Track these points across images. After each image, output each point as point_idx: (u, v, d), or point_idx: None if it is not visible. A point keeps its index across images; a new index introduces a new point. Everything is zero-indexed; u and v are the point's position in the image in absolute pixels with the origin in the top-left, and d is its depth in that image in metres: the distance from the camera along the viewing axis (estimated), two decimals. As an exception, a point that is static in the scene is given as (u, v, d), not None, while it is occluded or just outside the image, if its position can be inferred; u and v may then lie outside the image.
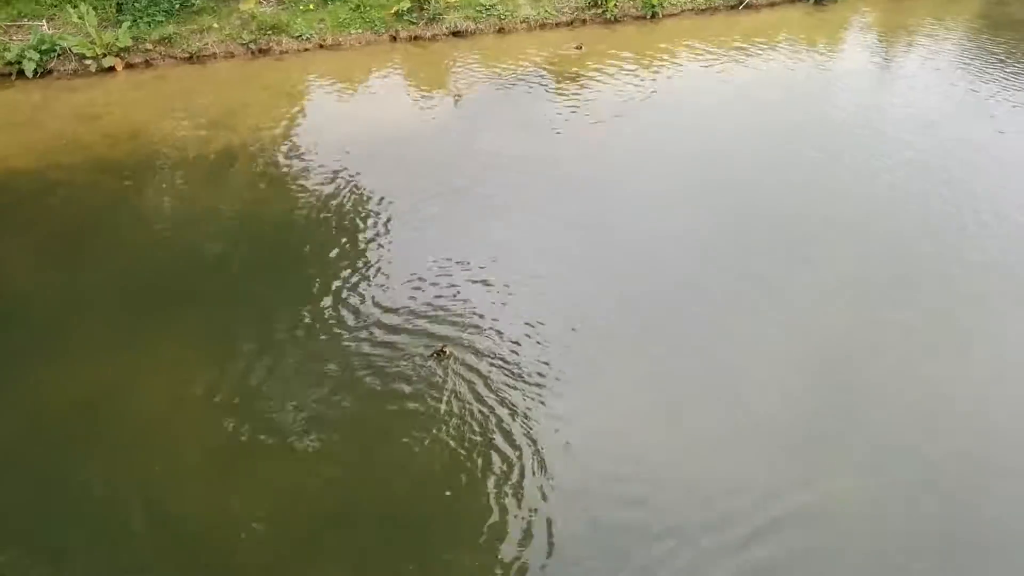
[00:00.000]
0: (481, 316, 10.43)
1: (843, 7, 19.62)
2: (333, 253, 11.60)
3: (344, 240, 11.84)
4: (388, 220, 12.26)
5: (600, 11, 18.63)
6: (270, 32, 16.98)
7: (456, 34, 18.00)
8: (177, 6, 16.81)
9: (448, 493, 8.34)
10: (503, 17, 18.22)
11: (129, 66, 16.35)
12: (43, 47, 15.83)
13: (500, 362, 9.76)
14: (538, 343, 10.05)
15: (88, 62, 16.03)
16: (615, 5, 18.59)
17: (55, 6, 16.62)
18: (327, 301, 10.68)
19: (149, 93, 15.73)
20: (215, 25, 16.90)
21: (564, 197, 12.81)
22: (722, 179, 13.38)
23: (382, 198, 12.74)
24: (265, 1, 17.59)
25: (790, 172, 13.66)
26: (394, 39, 17.70)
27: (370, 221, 12.24)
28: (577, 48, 17.52)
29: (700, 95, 15.97)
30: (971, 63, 17.55)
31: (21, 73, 15.71)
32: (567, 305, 10.63)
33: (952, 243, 12.04)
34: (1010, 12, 19.79)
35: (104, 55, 16.07)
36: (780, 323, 10.49)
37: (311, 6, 17.60)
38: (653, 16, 18.82)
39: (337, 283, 11.01)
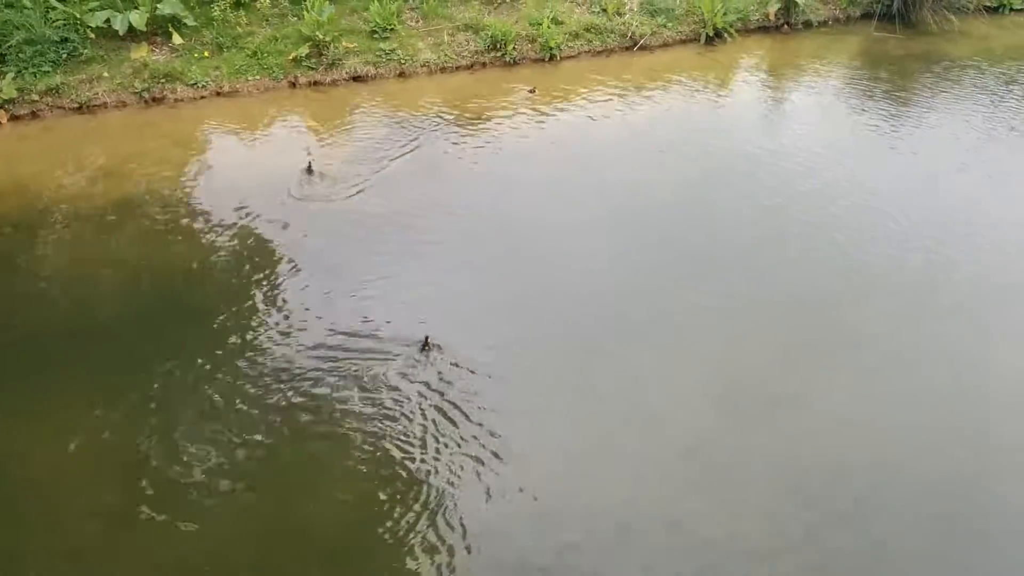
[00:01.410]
0: (386, 371, 10.36)
1: (732, 48, 20.38)
2: (230, 308, 11.39)
3: (243, 294, 11.65)
4: (287, 273, 12.12)
5: (499, 54, 18.90)
6: (164, 80, 16.67)
7: (357, 79, 17.99)
8: (64, 56, 16.38)
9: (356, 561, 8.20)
10: (403, 62, 18.31)
11: (14, 118, 15.81)
12: (-80, 100, 15.24)
13: (420, 406, 9.70)
14: (448, 390, 10.03)
15: (-31, 115, 15.47)
16: (514, 48, 18.89)
17: (-67, 57, 16.00)
18: (222, 358, 10.46)
19: (36, 145, 15.23)
20: (105, 74, 16.50)
21: (470, 239, 12.91)
22: (632, 212, 13.72)
23: (283, 251, 12.59)
24: (158, 49, 17.27)
25: (699, 203, 14.10)
26: (293, 85, 17.58)
27: (268, 275, 12.07)
28: (531, 91, 17.69)
29: (602, 132, 16.34)
30: (859, 94, 18.52)
31: None
32: (473, 349, 10.65)
33: (870, 263, 12.60)
34: (887, 49, 20.87)
35: (-14, 108, 15.53)
36: (704, 356, 10.80)
37: (206, 53, 17.36)
38: (551, 58, 19.19)
39: (234, 339, 10.81)
